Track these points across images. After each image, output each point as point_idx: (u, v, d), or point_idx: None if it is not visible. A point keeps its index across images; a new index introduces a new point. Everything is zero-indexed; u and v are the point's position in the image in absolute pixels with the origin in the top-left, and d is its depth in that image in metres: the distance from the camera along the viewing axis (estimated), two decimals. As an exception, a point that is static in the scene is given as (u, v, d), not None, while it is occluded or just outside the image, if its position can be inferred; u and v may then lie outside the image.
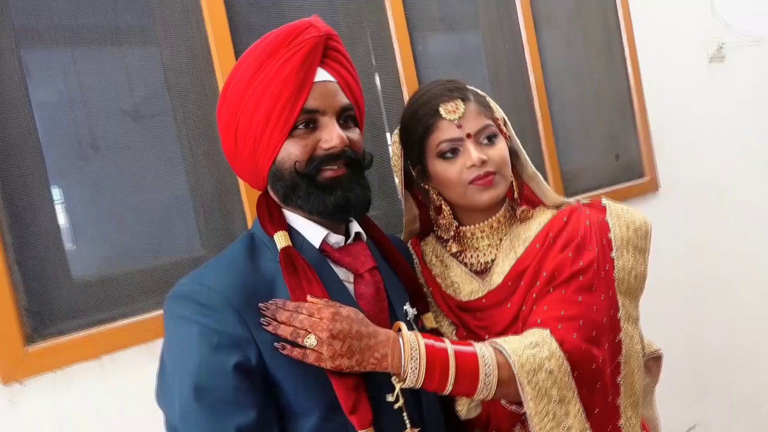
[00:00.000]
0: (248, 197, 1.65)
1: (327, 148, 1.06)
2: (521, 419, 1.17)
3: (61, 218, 1.51)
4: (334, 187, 1.07)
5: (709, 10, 3.00)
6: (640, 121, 2.65)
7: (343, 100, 1.10)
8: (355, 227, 1.17)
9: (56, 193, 1.52)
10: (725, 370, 2.93)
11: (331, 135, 1.06)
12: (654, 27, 2.78)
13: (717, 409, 2.89)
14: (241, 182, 1.66)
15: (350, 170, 1.09)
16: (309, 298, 1.01)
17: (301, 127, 1.05)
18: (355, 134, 1.12)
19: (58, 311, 1.43)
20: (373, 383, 1.03)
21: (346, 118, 1.11)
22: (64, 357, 1.41)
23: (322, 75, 1.07)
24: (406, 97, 1.96)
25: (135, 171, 1.58)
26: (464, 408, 1.18)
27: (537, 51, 2.32)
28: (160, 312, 1.49)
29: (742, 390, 3.00)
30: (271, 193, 1.13)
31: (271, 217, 1.10)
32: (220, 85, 1.64)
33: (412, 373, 1.01)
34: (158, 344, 1.48)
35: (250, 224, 1.66)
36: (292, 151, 1.05)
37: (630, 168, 2.63)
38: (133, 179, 1.57)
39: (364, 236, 1.18)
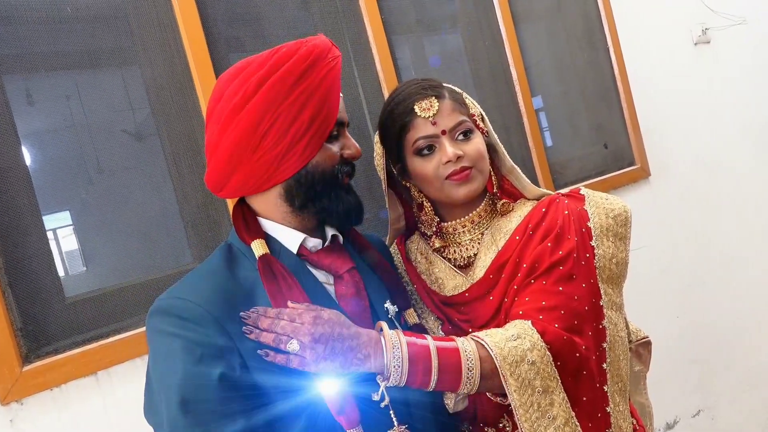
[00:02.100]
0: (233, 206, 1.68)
1: (349, 155, 1.15)
2: (508, 410, 1.18)
3: (72, 242, 1.56)
4: (350, 191, 1.15)
5: (690, -6, 3.01)
6: (627, 109, 2.66)
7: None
8: (331, 230, 1.19)
9: (65, 217, 1.56)
10: (725, 353, 2.93)
11: (353, 144, 1.16)
12: (636, 14, 2.78)
13: (720, 392, 2.89)
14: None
15: (349, 178, 1.17)
16: (289, 303, 1.02)
17: (332, 134, 1.12)
18: None
19: (53, 330, 1.46)
20: (359, 383, 1.04)
21: None
22: (61, 375, 1.43)
23: None
24: (388, 101, 1.98)
25: (127, 190, 1.61)
26: (451, 401, 1.19)
27: (518, 47, 2.33)
28: (152, 326, 1.54)
29: (743, 372, 3.00)
30: (278, 200, 1.12)
31: (247, 226, 1.12)
32: (201, 100, 1.66)
33: (396, 372, 1.02)
34: (153, 357, 1.53)
35: (238, 234, 1.68)
36: (327, 156, 1.11)
37: (620, 156, 2.64)
38: (126, 198, 1.61)
39: (341, 238, 1.21)
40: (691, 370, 2.80)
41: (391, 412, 1.06)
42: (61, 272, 1.51)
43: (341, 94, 1.17)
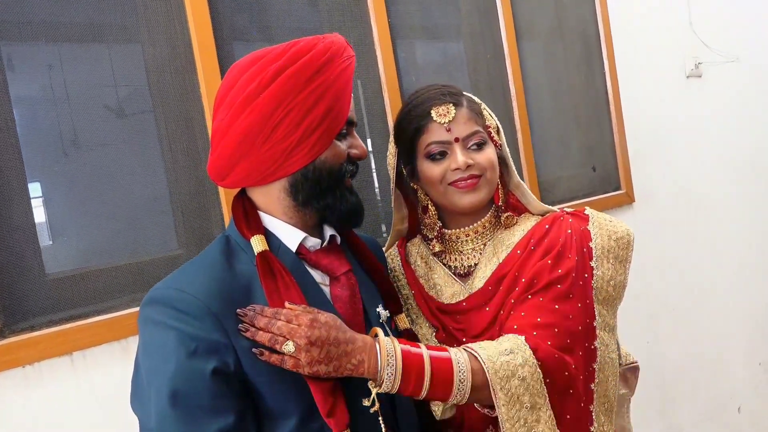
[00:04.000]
0: (226, 197, 1.65)
1: (355, 155, 1.15)
2: (493, 422, 1.19)
3: (40, 214, 1.50)
4: (352, 192, 1.15)
5: (687, 28, 3.05)
6: (618, 134, 2.69)
7: None
8: (330, 230, 1.18)
9: (35, 189, 1.50)
10: (689, 380, 2.98)
11: (360, 145, 1.16)
12: (633, 42, 2.82)
13: (682, 419, 2.94)
14: (219, 182, 1.66)
15: (352, 179, 1.17)
16: (287, 304, 1.01)
17: (341, 132, 1.11)
18: None
19: (31, 307, 1.42)
20: (350, 387, 1.04)
21: None
22: (35, 352, 1.39)
23: None
24: (388, 103, 1.97)
25: (114, 168, 1.57)
26: (439, 409, 1.19)
27: (518, 62, 2.34)
28: (134, 309, 1.50)
29: (705, 401, 3.06)
30: (281, 194, 1.10)
31: (247, 220, 1.10)
32: (202, 84, 1.64)
33: (388, 379, 1.02)
34: (131, 342, 1.50)
35: (227, 224, 1.66)
36: (335, 153, 1.10)
37: (606, 180, 2.67)
38: (113, 176, 1.56)
39: (338, 239, 1.20)
40: (655, 395, 2.84)
41: (380, 418, 1.05)
42: (45, 242, 1.46)
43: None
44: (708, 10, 3.15)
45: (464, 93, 1.31)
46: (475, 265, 1.32)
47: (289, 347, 0.97)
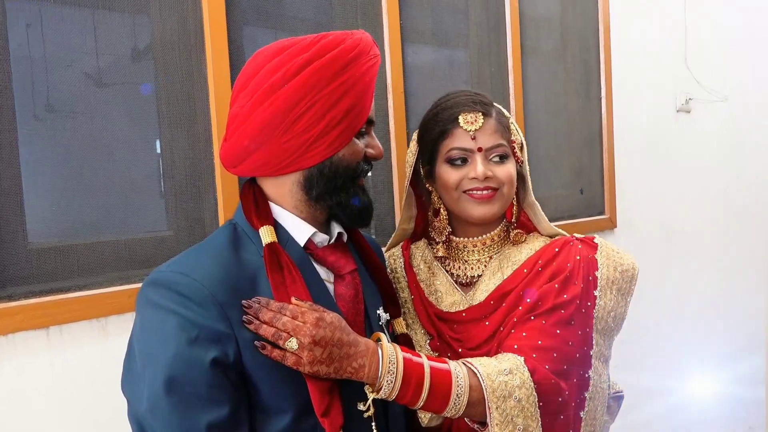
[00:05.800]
0: (222, 184, 1.62)
1: (372, 155, 1.14)
2: (480, 435, 1.19)
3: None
4: (364, 191, 1.14)
5: (682, 63, 3.11)
6: (607, 160, 2.72)
7: None
8: (337, 227, 1.16)
9: None
10: (648, 410, 3.03)
11: (377, 145, 1.15)
12: (630, 72, 2.86)
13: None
14: (216, 168, 1.62)
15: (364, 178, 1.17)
16: (293, 300, 0.99)
17: (360, 131, 1.10)
18: None
19: (10, 275, 1.37)
20: (347, 389, 1.03)
21: None
22: (11, 323, 1.34)
23: None
24: (391, 105, 1.96)
25: (107, 141, 1.52)
26: (426, 417, 1.18)
27: (521, 79, 2.35)
28: (117, 288, 1.47)
29: (662, 429, 3.10)
30: (294, 187, 1.09)
31: (257, 210, 1.07)
32: (210, 65, 1.60)
33: (387, 386, 1.01)
34: (110, 321, 1.46)
35: (221, 211, 1.62)
36: (353, 151, 1.09)
37: (592, 204, 2.70)
38: (106, 149, 1.51)
39: (345, 236, 1.18)
40: (618, 422, 2.87)
41: (373, 423, 1.04)
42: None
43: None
44: (703, 49, 3.21)
45: (495, 104, 1.30)
46: (479, 276, 1.32)
47: (292, 344, 0.95)
